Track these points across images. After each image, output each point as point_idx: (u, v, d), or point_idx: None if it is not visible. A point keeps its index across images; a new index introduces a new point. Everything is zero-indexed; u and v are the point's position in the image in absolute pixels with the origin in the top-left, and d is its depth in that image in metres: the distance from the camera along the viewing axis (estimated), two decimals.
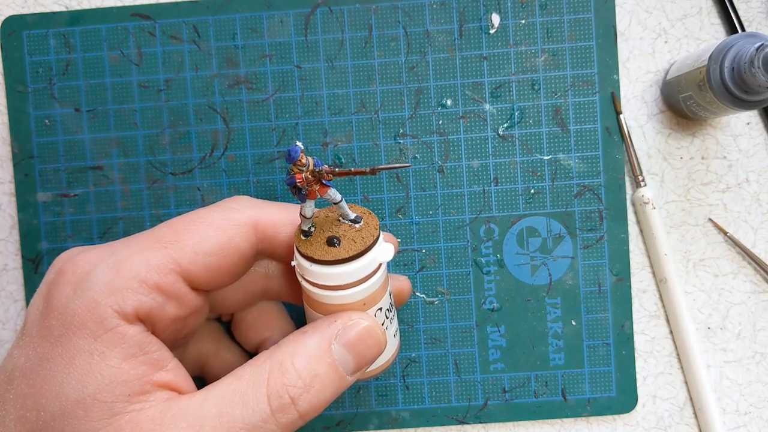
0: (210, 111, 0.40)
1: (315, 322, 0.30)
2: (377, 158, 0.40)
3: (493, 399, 0.40)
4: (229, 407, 0.27)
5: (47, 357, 0.27)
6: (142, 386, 0.27)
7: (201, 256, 0.29)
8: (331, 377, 0.28)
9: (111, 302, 0.27)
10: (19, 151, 0.40)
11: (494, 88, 0.40)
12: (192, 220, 0.30)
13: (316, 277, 0.29)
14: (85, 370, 0.26)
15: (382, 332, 0.30)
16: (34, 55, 0.40)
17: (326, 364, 0.28)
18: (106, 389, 0.26)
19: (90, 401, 0.26)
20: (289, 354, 0.28)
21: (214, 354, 0.37)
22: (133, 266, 0.28)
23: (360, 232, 0.29)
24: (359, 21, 0.40)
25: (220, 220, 0.30)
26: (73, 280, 0.28)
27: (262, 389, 0.27)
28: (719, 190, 0.41)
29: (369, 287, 0.29)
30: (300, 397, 0.27)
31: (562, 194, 0.40)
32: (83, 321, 0.27)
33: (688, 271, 0.41)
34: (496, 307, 0.40)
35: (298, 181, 0.27)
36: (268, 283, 0.35)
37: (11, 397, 0.27)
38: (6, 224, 0.41)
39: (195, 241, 0.29)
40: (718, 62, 0.34)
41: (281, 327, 0.37)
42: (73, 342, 0.26)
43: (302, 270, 0.29)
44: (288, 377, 0.27)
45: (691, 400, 0.41)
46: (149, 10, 0.40)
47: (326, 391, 0.28)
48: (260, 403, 0.27)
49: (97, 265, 0.28)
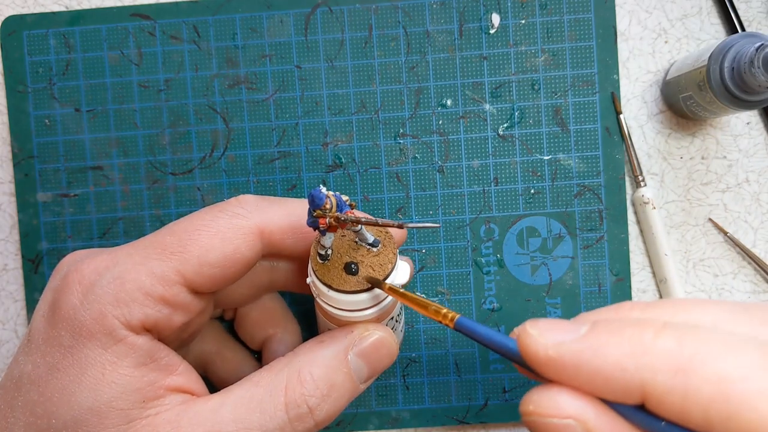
0: (210, 111, 0.40)
1: (332, 332, 0.30)
2: (377, 158, 0.40)
3: (493, 399, 0.40)
4: (247, 414, 0.27)
5: (57, 366, 0.27)
6: (155, 391, 0.27)
7: (206, 267, 0.29)
8: (347, 386, 0.29)
9: (118, 314, 0.27)
10: (19, 151, 0.40)
11: (494, 88, 0.40)
12: (197, 228, 0.29)
13: (333, 302, 0.29)
14: (97, 379, 0.27)
15: (395, 343, 0.31)
16: (34, 55, 0.40)
17: (343, 373, 0.29)
18: (121, 397, 0.27)
19: (105, 409, 0.26)
20: (307, 363, 0.29)
21: (217, 353, 0.37)
22: (138, 277, 0.28)
23: (378, 257, 0.29)
24: (359, 21, 0.40)
25: (226, 229, 0.29)
26: (80, 289, 0.28)
27: (280, 397, 0.28)
28: (719, 190, 0.41)
29: (384, 306, 0.30)
30: (317, 406, 0.28)
31: (562, 194, 0.40)
32: (92, 332, 0.27)
33: (688, 271, 0.41)
34: (496, 307, 0.40)
35: (322, 226, 0.27)
36: (273, 275, 0.34)
37: (19, 404, 0.27)
38: (6, 224, 0.41)
39: (200, 253, 0.28)
40: (718, 62, 0.34)
41: (285, 324, 0.37)
42: (84, 353, 0.27)
43: (319, 292, 0.29)
44: (306, 387, 0.28)
45: None
46: (149, 10, 0.40)
47: (342, 400, 0.29)
48: (278, 410, 0.27)
49: (102, 275, 0.28)
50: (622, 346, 0.20)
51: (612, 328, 0.21)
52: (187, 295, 0.29)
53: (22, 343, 0.29)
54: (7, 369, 0.29)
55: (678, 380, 0.19)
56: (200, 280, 0.29)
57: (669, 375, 0.19)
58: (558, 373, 0.21)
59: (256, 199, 0.31)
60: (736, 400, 0.19)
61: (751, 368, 0.19)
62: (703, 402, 0.19)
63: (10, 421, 0.27)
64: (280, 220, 0.30)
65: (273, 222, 0.30)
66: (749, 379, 0.19)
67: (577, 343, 0.21)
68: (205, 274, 0.29)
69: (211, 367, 0.37)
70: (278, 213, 0.30)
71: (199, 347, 0.37)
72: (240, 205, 0.30)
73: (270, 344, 0.37)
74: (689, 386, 0.19)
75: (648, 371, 0.20)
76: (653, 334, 0.20)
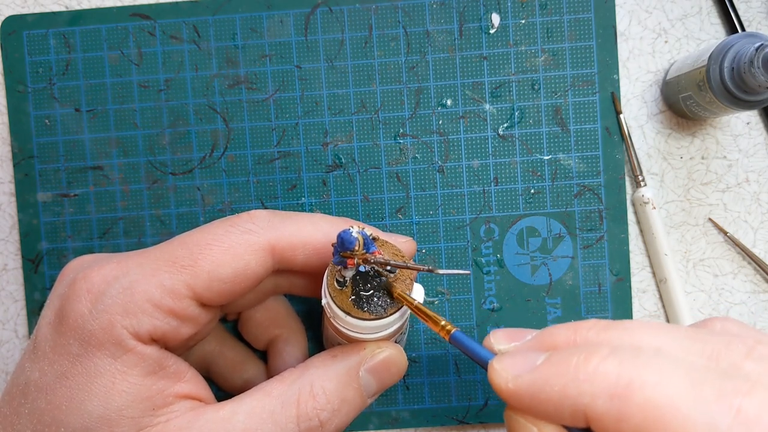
0: (210, 111, 0.40)
1: (344, 347, 0.31)
2: (377, 158, 0.40)
3: (493, 399, 0.40)
4: (259, 424, 0.28)
5: (66, 374, 0.27)
6: (164, 399, 0.28)
7: (216, 282, 0.29)
8: (357, 402, 0.30)
9: (126, 324, 0.27)
10: (19, 151, 0.40)
11: (494, 88, 0.40)
12: (208, 242, 0.29)
13: (348, 325, 0.29)
14: (107, 388, 0.27)
15: (404, 360, 0.31)
16: (34, 55, 0.40)
17: (354, 389, 0.29)
18: (131, 405, 0.27)
19: (116, 417, 0.27)
20: (319, 377, 0.29)
21: (219, 353, 0.37)
22: (148, 289, 0.28)
23: (396, 282, 0.29)
24: (359, 21, 0.40)
25: (237, 245, 0.29)
26: (89, 298, 0.28)
27: (292, 410, 0.28)
28: (719, 190, 0.41)
29: (396, 328, 0.30)
30: (328, 420, 0.29)
31: (562, 194, 0.40)
32: (101, 341, 0.27)
33: (688, 271, 0.41)
34: (496, 307, 0.40)
35: (350, 266, 0.27)
36: (278, 280, 0.35)
37: (26, 411, 0.27)
38: (6, 224, 0.41)
39: (210, 268, 0.28)
40: (718, 62, 0.34)
41: (290, 324, 0.38)
42: (93, 361, 0.27)
43: (334, 315, 0.29)
44: (318, 401, 0.29)
45: None
46: (149, 10, 0.40)
47: (351, 414, 0.30)
48: (290, 423, 0.28)
49: (111, 284, 0.28)
50: (567, 374, 0.22)
51: (561, 358, 0.23)
52: (196, 308, 0.29)
53: (27, 349, 0.29)
54: (12, 375, 0.29)
55: (613, 405, 0.21)
56: (209, 295, 0.29)
57: (606, 399, 0.21)
58: (519, 403, 0.23)
59: (267, 215, 0.31)
60: (664, 427, 0.20)
61: (682, 396, 0.20)
62: (635, 427, 0.20)
63: (17, 428, 0.27)
64: (292, 236, 0.30)
65: (284, 238, 0.30)
66: (677, 408, 0.20)
67: (531, 375, 0.23)
68: (215, 289, 0.29)
69: (214, 367, 0.37)
70: (290, 229, 0.30)
71: (201, 348, 0.37)
72: (251, 220, 0.30)
73: (276, 344, 0.37)
74: (622, 411, 0.21)
75: (587, 397, 0.21)
76: (598, 360, 0.22)
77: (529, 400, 0.23)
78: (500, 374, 0.24)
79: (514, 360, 0.24)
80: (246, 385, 0.37)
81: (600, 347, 0.22)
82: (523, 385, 0.23)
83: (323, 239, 0.30)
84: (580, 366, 0.22)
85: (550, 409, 0.22)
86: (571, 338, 0.24)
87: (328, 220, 0.31)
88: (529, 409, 0.23)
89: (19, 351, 0.41)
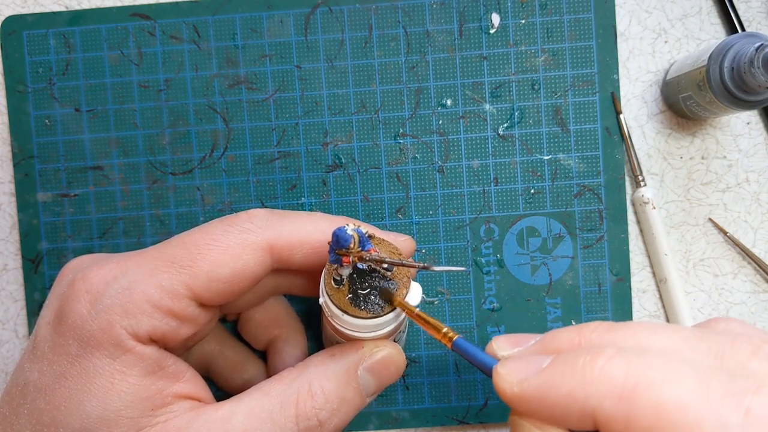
0: (210, 111, 0.40)
1: (342, 346, 0.31)
2: (377, 158, 0.40)
3: (493, 399, 0.40)
4: (258, 424, 0.28)
5: (65, 375, 0.27)
6: (163, 399, 0.28)
7: (215, 282, 0.29)
8: (356, 401, 0.30)
9: (125, 325, 0.27)
10: (19, 151, 0.40)
11: (494, 88, 0.40)
12: (206, 242, 0.29)
13: (345, 324, 0.29)
14: (106, 389, 0.27)
15: (403, 358, 0.31)
16: (34, 55, 0.40)
17: (352, 389, 0.29)
18: (131, 406, 0.27)
19: (115, 418, 0.27)
20: (318, 376, 0.29)
21: (219, 353, 0.37)
22: (147, 289, 0.28)
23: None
24: (359, 21, 0.40)
25: (235, 245, 0.29)
26: (87, 298, 0.28)
27: (291, 410, 0.28)
28: (719, 190, 0.41)
29: (394, 327, 0.30)
30: (327, 420, 0.29)
31: (562, 194, 0.40)
32: (100, 342, 0.27)
33: (688, 271, 0.41)
34: (496, 307, 0.40)
35: (345, 264, 0.27)
36: (278, 280, 0.35)
37: (25, 411, 0.27)
38: (6, 224, 0.41)
39: (209, 269, 0.29)
40: (718, 62, 0.34)
41: (289, 324, 0.38)
42: (92, 362, 0.27)
43: (332, 314, 0.29)
44: (317, 400, 0.29)
45: None
46: (149, 10, 0.40)
47: (350, 414, 0.30)
48: (288, 422, 0.28)
49: (110, 285, 0.28)
50: (574, 376, 0.22)
51: (567, 360, 0.23)
52: (195, 309, 0.29)
53: (26, 349, 0.29)
54: (12, 376, 0.29)
55: (621, 406, 0.21)
56: (208, 295, 0.29)
57: (614, 401, 0.21)
58: (526, 407, 0.23)
59: (266, 214, 0.31)
60: (673, 428, 0.20)
61: (690, 395, 0.20)
62: (644, 428, 0.20)
63: (16, 429, 0.27)
64: (290, 235, 0.30)
65: (283, 237, 0.30)
66: (687, 407, 0.20)
67: (537, 378, 0.23)
68: (214, 289, 0.29)
69: (214, 367, 0.37)
70: (288, 228, 0.30)
71: (201, 348, 0.37)
72: (250, 220, 0.30)
73: (275, 344, 0.37)
74: (631, 412, 0.21)
75: (595, 399, 0.21)
76: (604, 361, 0.22)
77: (535, 404, 0.23)
78: (505, 379, 0.24)
79: (519, 364, 0.24)
80: (246, 385, 0.37)
81: (605, 348, 0.22)
82: (529, 389, 0.23)
83: (322, 238, 0.30)
84: (586, 367, 0.22)
85: (557, 413, 0.22)
86: (575, 341, 0.24)
87: (327, 219, 0.31)
88: (535, 413, 0.23)
89: (19, 351, 0.41)
